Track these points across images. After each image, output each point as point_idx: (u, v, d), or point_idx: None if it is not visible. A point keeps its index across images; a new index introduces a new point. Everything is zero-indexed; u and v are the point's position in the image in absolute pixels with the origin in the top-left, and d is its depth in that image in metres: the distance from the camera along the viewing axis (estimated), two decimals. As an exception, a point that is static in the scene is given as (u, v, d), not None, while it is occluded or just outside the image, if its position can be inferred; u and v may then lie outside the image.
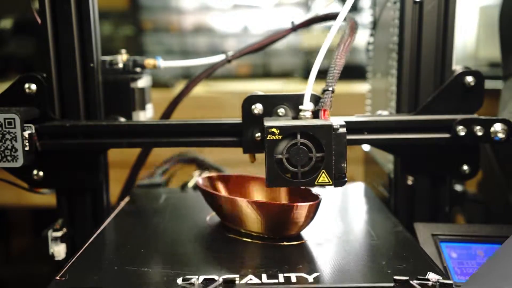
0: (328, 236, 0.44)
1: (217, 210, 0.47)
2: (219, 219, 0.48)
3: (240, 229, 0.45)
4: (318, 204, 0.43)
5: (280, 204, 0.45)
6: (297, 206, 0.42)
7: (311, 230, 0.45)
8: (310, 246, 0.42)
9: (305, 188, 0.46)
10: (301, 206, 0.42)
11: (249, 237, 0.44)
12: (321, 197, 0.44)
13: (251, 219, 0.43)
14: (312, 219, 0.43)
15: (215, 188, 0.51)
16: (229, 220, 0.46)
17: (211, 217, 0.49)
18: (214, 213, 0.49)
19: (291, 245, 0.42)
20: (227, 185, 0.52)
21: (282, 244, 0.42)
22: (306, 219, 0.42)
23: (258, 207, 0.42)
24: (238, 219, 0.44)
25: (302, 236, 0.44)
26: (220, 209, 0.46)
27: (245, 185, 0.52)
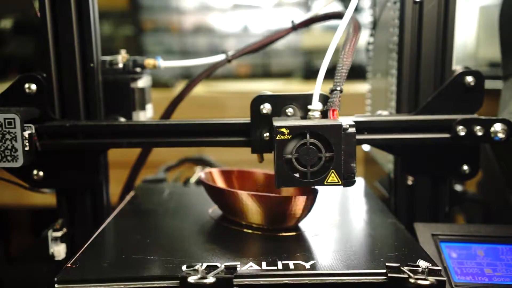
0: (324, 227, 0.46)
1: (219, 203, 0.49)
2: (221, 212, 0.50)
3: (241, 221, 0.46)
4: (315, 197, 0.45)
5: (279, 196, 0.47)
6: (295, 198, 0.43)
7: (309, 222, 0.47)
8: (307, 237, 0.44)
9: None
10: (299, 198, 0.43)
11: (249, 228, 0.45)
12: (318, 190, 0.45)
13: (252, 211, 0.44)
14: (309, 211, 0.45)
15: (216, 182, 0.53)
16: (230, 213, 0.47)
17: (213, 210, 0.51)
18: (216, 206, 0.50)
19: (289, 236, 0.44)
20: (228, 179, 0.54)
21: (281, 235, 0.44)
22: (304, 210, 0.44)
23: (258, 199, 0.44)
24: (239, 211, 0.45)
25: (300, 228, 0.45)
26: (222, 202, 0.48)
27: (245, 179, 0.54)
